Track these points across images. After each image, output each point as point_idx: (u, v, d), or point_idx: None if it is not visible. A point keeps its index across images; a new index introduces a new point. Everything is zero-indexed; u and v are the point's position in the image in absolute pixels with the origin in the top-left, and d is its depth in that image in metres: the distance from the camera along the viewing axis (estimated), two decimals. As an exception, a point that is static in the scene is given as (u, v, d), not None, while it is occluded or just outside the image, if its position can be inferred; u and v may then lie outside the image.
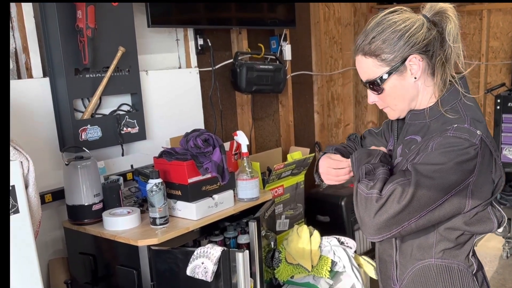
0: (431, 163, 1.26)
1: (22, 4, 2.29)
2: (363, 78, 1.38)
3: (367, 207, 1.28)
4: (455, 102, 1.37)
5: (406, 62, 1.32)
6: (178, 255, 2.08)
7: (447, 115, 1.34)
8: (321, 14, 4.24)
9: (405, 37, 1.31)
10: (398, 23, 1.32)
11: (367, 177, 1.34)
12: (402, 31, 1.31)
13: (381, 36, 1.32)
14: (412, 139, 1.41)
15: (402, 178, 1.28)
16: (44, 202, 2.29)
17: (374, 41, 1.32)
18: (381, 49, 1.32)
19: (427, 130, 1.36)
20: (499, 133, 4.15)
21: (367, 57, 1.34)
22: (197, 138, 2.30)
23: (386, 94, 1.37)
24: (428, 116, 1.37)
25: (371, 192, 1.29)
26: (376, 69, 1.34)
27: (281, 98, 3.93)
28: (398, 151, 1.46)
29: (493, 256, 3.95)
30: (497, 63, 4.72)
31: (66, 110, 2.39)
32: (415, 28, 1.32)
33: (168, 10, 2.85)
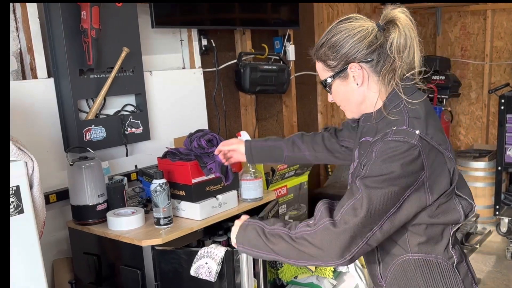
0: (377, 174, 1.28)
1: (27, 5, 2.30)
2: (320, 79, 1.49)
3: (324, 237, 1.29)
4: (398, 104, 1.39)
5: (347, 69, 1.39)
6: (182, 255, 2.09)
7: (390, 117, 1.37)
8: (324, 15, 4.24)
9: (348, 45, 1.36)
10: (345, 32, 1.37)
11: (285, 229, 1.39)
12: (346, 38, 1.36)
13: (329, 43, 1.39)
14: (365, 141, 1.46)
15: (351, 198, 1.30)
16: (49, 202, 2.29)
17: (322, 47, 1.41)
18: (327, 55, 1.40)
19: (376, 132, 1.40)
20: (503, 133, 4.14)
21: (318, 61, 1.46)
22: (201, 139, 2.31)
23: (334, 95, 1.47)
24: (375, 118, 1.42)
25: (321, 223, 1.31)
26: (324, 72, 1.45)
27: (285, 99, 3.93)
28: (356, 154, 1.50)
29: (497, 257, 3.94)
30: (501, 63, 4.71)
31: (71, 111, 2.40)
32: (360, 36, 1.36)
33: (172, 11, 2.86)
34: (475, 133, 4.96)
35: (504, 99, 4.12)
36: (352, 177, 1.48)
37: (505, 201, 4.35)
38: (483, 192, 4.47)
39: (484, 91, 4.78)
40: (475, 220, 4.38)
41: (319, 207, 1.36)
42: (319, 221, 1.32)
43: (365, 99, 1.43)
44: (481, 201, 4.48)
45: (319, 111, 4.38)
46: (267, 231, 1.41)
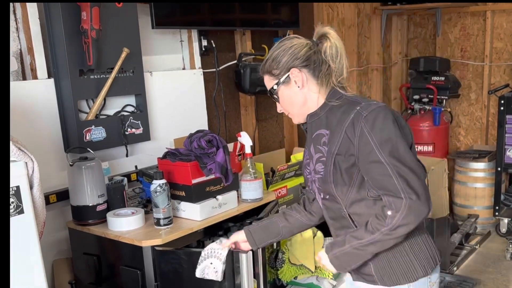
0: (387, 141, 1.45)
1: (27, 5, 2.31)
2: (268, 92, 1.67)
3: (412, 212, 1.45)
4: (340, 96, 1.60)
5: (289, 75, 1.60)
6: (182, 255, 2.09)
7: (337, 103, 1.58)
8: (324, 15, 4.24)
9: (287, 55, 1.59)
10: (283, 46, 1.61)
11: None
12: (285, 51, 1.60)
13: (271, 56, 1.62)
14: (318, 134, 1.62)
15: (390, 174, 1.45)
16: (49, 202, 2.30)
17: (267, 61, 1.64)
18: (271, 66, 1.62)
19: (327, 121, 1.59)
20: (503, 134, 4.14)
21: (265, 75, 1.66)
22: (201, 139, 2.31)
23: (281, 102, 1.66)
24: (320, 111, 1.61)
25: (401, 209, 1.46)
26: (270, 82, 1.65)
27: (285, 99, 3.93)
28: (312, 149, 1.64)
29: (497, 258, 3.94)
30: (501, 64, 4.71)
31: (71, 111, 2.40)
32: (296, 48, 1.59)
33: (172, 12, 2.86)
34: (474, 134, 4.96)
35: (503, 100, 4.12)
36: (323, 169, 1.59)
37: (504, 202, 4.35)
38: (483, 193, 4.47)
39: (483, 92, 4.79)
40: (475, 220, 4.38)
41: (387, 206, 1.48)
42: (397, 208, 1.44)
43: (307, 100, 1.62)
44: (480, 202, 4.48)
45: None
46: (360, 247, 1.53)
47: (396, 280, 1.60)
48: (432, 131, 4.65)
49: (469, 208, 4.54)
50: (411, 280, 1.59)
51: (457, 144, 5.08)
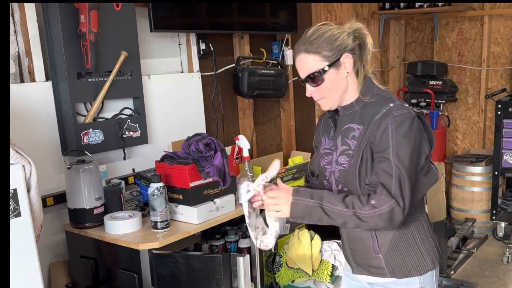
0: (404, 147, 1.51)
1: (25, 8, 2.31)
2: (304, 74, 1.61)
3: (391, 215, 1.50)
4: (373, 91, 1.62)
5: (341, 59, 1.57)
6: (179, 259, 2.09)
7: (372, 100, 1.59)
8: (322, 20, 4.25)
9: (339, 40, 1.57)
10: (332, 30, 1.59)
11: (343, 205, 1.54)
12: (337, 35, 1.58)
13: (322, 37, 1.57)
14: (348, 128, 1.62)
15: (391, 175, 1.50)
16: (46, 205, 2.29)
17: (315, 41, 1.57)
18: (322, 47, 1.56)
19: (361, 116, 1.60)
20: (500, 138, 4.15)
21: (310, 54, 1.58)
22: (198, 142, 2.31)
23: (324, 85, 1.60)
24: (356, 106, 1.62)
25: (386, 205, 1.50)
26: (317, 63, 1.58)
27: (283, 103, 3.94)
28: (339, 141, 1.64)
29: (494, 262, 3.94)
30: (498, 69, 4.72)
31: (69, 114, 2.40)
32: (344, 35, 1.59)
33: (170, 15, 2.87)
34: (472, 138, 4.97)
35: (500, 105, 4.13)
36: (352, 158, 1.59)
37: (501, 206, 4.36)
38: (480, 197, 4.47)
39: (481, 96, 4.80)
40: (472, 224, 4.38)
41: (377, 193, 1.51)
42: (382, 204, 1.49)
43: (348, 88, 1.61)
44: (477, 206, 4.48)
45: (317, 115, 4.39)
46: (328, 211, 1.53)
47: (407, 272, 1.63)
48: (430, 135, 4.65)
49: (466, 212, 4.54)
50: (422, 273, 1.63)
51: (455, 148, 5.08)
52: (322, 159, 1.71)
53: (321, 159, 1.71)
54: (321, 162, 1.72)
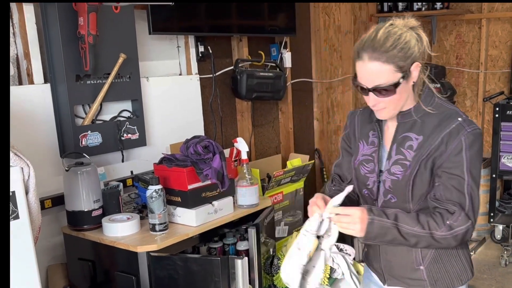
0: (476, 163, 1.49)
1: (24, 10, 2.31)
2: (373, 83, 1.45)
3: (466, 235, 1.48)
4: (432, 100, 1.54)
5: (411, 68, 1.46)
6: (178, 261, 2.09)
7: (434, 111, 1.51)
8: (321, 22, 4.26)
9: (412, 48, 1.45)
10: (403, 35, 1.45)
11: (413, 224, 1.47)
12: (409, 42, 1.44)
13: (397, 45, 1.43)
14: (406, 136, 1.54)
15: (464, 192, 1.47)
16: (44, 207, 2.29)
17: (391, 50, 1.42)
18: (398, 57, 1.42)
19: (422, 126, 1.52)
20: (497, 141, 4.16)
21: (384, 64, 1.43)
22: (197, 145, 2.31)
23: (394, 97, 1.47)
24: (415, 114, 1.53)
25: (462, 227, 1.46)
26: (392, 74, 1.44)
27: (281, 105, 3.95)
28: (393, 150, 1.56)
29: (492, 264, 3.95)
30: (495, 72, 4.73)
31: (67, 116, 2.40)
32: (414, 40, 1.46)
33: (169, 18, 2.87)
34: (470, 140, 4.98)
35: (498, 107, 4.14)
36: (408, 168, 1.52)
37: (499, 209, 4.36)
38: (478, 200, 4.48)
39: (479, 99, 4.81)
40: (470, 227, 4.39)
41: (452, 213, 1.47)
42: (460, 225, 1.45)
43: (409, 96, 1.51)
44: (476, 209, 4.49)
45: (315, 117, 4.39)
46: (403, 232, 1.46)
47: (450, 283, 1.61)
48: (428, 138, 4.66)
49: (464, 214, 4.55)
50: (464, 283, 1.63)
51: (453, 150, 5.09)
52: (363, 166, 1.62)
53: (362, 167, 1.62)
54: (361, 170, 1.63)
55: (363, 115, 1.67)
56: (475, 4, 4.67)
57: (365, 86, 1.47)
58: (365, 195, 1.65)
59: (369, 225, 1.44)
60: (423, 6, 4.57)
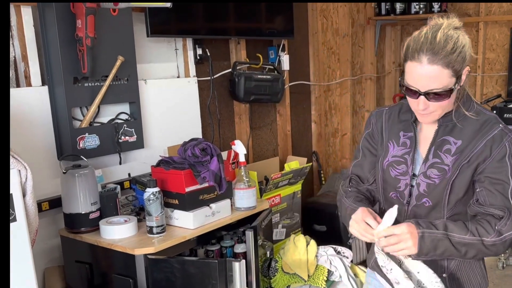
0: None
1: (22, 12, 2.31)
2: (429, 87, 1.40)
3: None
4: (472, 105, 1.52)
5: (463, 72, 1.43)
6: (175, 264, 2.09)
7: (474, 116, 1.49)
8: (319, 25, 4.27)
9: (467, 52, 1.41)
10: (461, 38, 1.41)
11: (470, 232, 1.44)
12: (465, 45, 1.41)
13: (457, 49, 1.39)
14: (444, 140, 1.51)
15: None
16: (41, 210, 2.29)
17: (452, 54, 1.38)
18: (457, 62, 1.39)
19: (461, 131, 1.50)
20: (495, 144, 4.17)
21: (445, 69, 1.38)
22: (195, 147, 2.31)
23: (446, 101, 1.44)
24: (455, 117, 1.50)
25: None
26: (449, 79, 1.40)
27: (279, 108, 3.95)
28: (431, 152, 1.52)
29: (489, 267, 3.95)
30: (493, 75, 4.75)
31: (65, 119, 2.40)
32: (469, 43, 1.44)
33: (167, 20, 2.87)
34: (467, 143, 4.99)
35: (496, 110, 4.15)
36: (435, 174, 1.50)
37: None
38: (476, 203, 4.49)
39: (476, 102, 4.83)
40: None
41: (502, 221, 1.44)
42: (509, 230, 1.43)
43: (452, 101, 1.47)
44: (473, 211, 4.50)
45: (313, 120, 4.40)
46: (454, 241, 1.43)
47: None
48: (425, 141, 4.67)
49: (462, 217, 4.56)
50: (485, 278, 1.61)
51: (450, 153, 5.10)
52: (392, 168, 1.57)
53: (391, 168, 1.57)
54: (390, 172, 1.58)
55: (391, 114, 1.63)
56: (472, 8, 4.69)
57: (418, 89, 1.41)
58: (392, 198, 1.60)
59: (421, 240, 1.40)
60: (420, 9, 4.58)
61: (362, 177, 1.70)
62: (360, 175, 1.70)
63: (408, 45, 1.43)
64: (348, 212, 1.58)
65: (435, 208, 1.53)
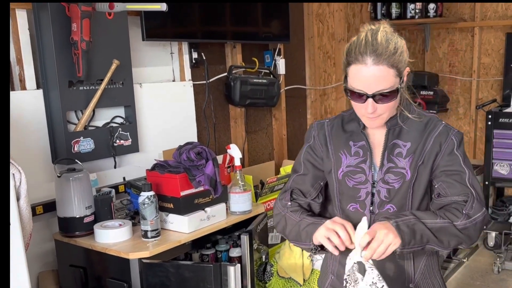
0: (470, 165, 1.52)
1: (17, 16, 2.30)
2: (376, 89, 1.39)
3: (483, 225, 1.47)
4: (412, 108, 1.55)
5: (404, 73, 1.44)
6: (169, 268, 2.08)
7: (415, 118, 1.52)
8: (315, 29, 4.28)
9: (405, 51, 1.43)
10: (398, 39, 1.43)
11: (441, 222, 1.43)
12: (404, 47, 1.43)
13: (399, 48, 1.40)
14: (395, 144, 1.52)
15: (467, 186, 1.48)
16: (35, 214, 2.27)
17: (394, 53, 1.39)
18: (399, 61, 1.40)
19: (408, 133, 1.52)
20: (490, 148, 4.18)
21: (390, 68, 1.39)
22: (190, 151, 2.31)
23: (393, 103, 1.44)
24: (400, 121, 1.52)
25: (478, 217, 1.46)
26: (394, 78, 1.40)
27: (275, 112, 3.95)
28: (385, 157, 1.52)
29: (485, 271, 3.95)
30: (488, 79, 4.77)
31: (59, 122, 2.39)
32: (405, 45, 1.46)
33: (163, 24, 2.87)
34: (463, 148, 5.00)
35: (491, 115, 4.17)
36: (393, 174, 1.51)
37: (492, 216, 4.38)
38: (471, 207, 4.49)
39: (471, 107, 4.84)
40: (463, 234, 4.39)
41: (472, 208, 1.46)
42: (476, 212, 1.45)
43: (397, 102, 1.48)
44: (468, 216, 4.50)
45: (308, 124, 4.40)
46: (429, 226, 1.40)
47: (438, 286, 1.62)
48: (421, 145, 4.68)
49: (457, 221, 4.56)
50: (444, 284, 1.64)
51: (446, 158, 5.12)
52: (349, 178, 1.54)
53: (348, 179, 1.54)
54: (348, 182, 1.54)
55: (333, 126, 1.60)
56: (468, 13, 4.71)
57: (365, 91, 1.40)
58: (350, 211, 1.55)
59: (397, 229, 1.35)
60: (416, 14, 4.60)
61: (304, 191, 1.62)
62: (302, 189, 1.63)
63: (349, 49, 1.44)
64: (303, 227, 1.50)
65: (398, 213, 1.49)
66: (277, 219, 1.63)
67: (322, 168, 1.61)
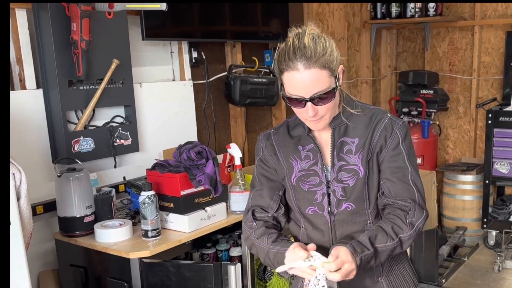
0: (412, 152, 1.53)
1: (16, 15, 2.30)
2: (312, 92, 1.39)
3: (423, 223, 1.51)
4: (355, 104, 1.55)
5: (338, 71, 1.44)
6: (170, 267, 2.08)
7: (360, 113, 1.53)
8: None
9: (336, 50, 1.43)
10: (326, 39, 1.44)
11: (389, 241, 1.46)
12: (333, 46, 1.44)
13: (328, 48, 1.40)
14: (343, 141, 1.52)
15: (409, 184, 1.50)
16: (36, 213, 2.27)
17: (324, 53, 1.39)
18: (330, 61, 1.40)
19: (354, 129, 1.52)
20: (490, 147, 4.18)
21: (322, 70, 1.39)
22: (190, 151, 2.31)
23: (332, 103, 1.44)
24: (344, 118, 1.52)
25: (419, 222, 1.49)
26: (328, 79, 1.41)
27: (275, 111, 3.95)
28: (335, 156, 1.52)
29: (485, 270, 3.95)
30: (488, 78, 4.76)
31: (59, 122, 2.39)
32: (335, 44, 1.46)
33: (162, 23, 2.87)
34: (463, 146, 4.99)
35: (491, 114, 4.16)
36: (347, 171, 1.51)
37: (492, 214, 4.38)
38: (471, 205, 4.49)
39: (471, 106, 4.83)
40: (463, 233, 4.40)
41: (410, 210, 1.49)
42: (418, 219, 1.49)
43: (337, 101, 1.49)
44: (469, 214, 4.50)
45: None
46: (381, 251, 1.44)
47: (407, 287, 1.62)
48: (421, 144, 4.68)
49: (458, 220, 4.56)
50: (416, 285, 1.64)
51: (446, 156, 5.11)
52: (303, 182, 1.54)
53: (302, 183, 1.54)
54: (302, 186, 1.55)
55: (280, 134, 1.60)
56: (468, 11, 4.71)
57: (302, 96, 1.40)
58: (309, 215, 1.56)
59: (360, 265, 1.39)
60: (416, 13, 4.59)
61: (265, 206, 1.61)
62: (261, 205, 1.61)
63: (279, 58, 1.42)
64: (272, 257, 1.50)
65: (359, 211, 1.52)
66: (248, 244, 1.61)
67: (276, 179, 1.61)
